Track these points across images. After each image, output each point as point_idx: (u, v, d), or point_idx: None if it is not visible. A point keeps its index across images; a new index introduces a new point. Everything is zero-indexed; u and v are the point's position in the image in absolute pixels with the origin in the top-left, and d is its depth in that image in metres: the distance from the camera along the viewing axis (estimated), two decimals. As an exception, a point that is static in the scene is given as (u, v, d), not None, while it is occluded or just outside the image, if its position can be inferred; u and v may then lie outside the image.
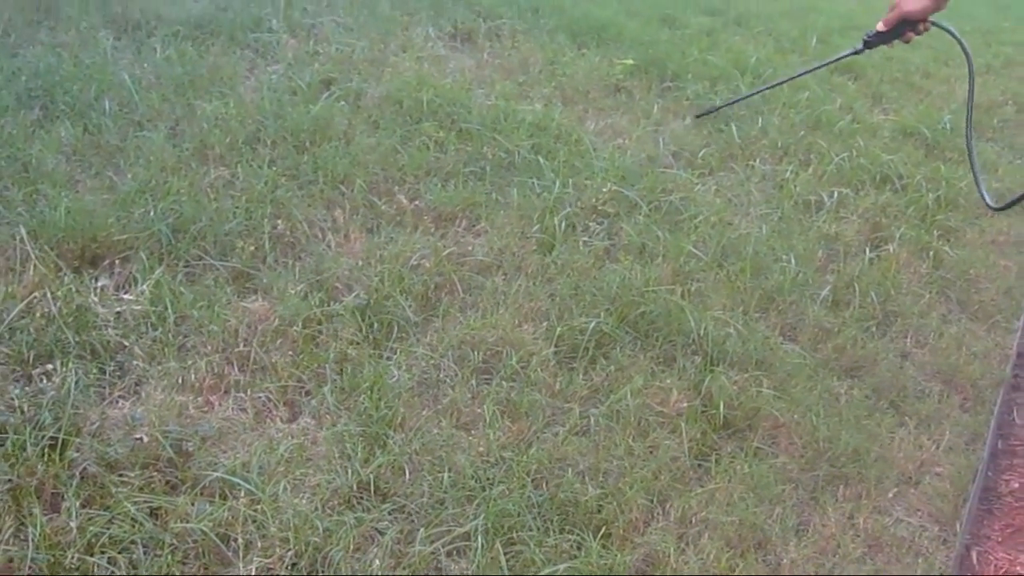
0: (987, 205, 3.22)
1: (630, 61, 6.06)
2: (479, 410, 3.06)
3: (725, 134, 5.43)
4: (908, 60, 8.02)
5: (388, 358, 3.21)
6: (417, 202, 4.07)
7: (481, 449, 2.90)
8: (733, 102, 4.41)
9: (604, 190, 4.33)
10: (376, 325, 3.31)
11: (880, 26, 3.21)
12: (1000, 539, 3.31)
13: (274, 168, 3.99)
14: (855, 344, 3.83)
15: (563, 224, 4.08)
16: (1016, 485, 3.56)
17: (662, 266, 3.94)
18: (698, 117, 4.63)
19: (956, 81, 7.67)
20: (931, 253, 4.68)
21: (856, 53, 3.44)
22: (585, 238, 4.06)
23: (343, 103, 4.67)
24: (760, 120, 5.69)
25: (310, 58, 5.12)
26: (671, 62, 6.20)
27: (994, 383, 3.90)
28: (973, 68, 3.43)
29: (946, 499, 3.22)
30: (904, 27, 3.17)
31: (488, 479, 2.80)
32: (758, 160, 5.24)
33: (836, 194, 4.99)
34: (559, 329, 3.44)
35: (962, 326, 4.23)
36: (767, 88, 4.29)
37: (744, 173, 5.06)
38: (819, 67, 3.99)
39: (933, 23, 3.19)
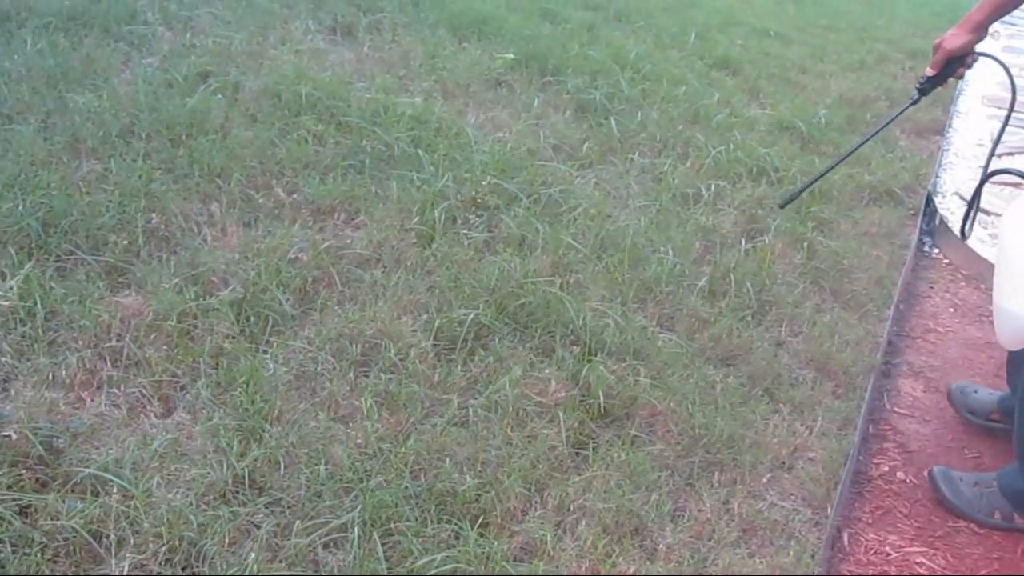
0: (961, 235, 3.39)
1: (511, 55, 6.08)
2: (357, 402, 3.05)
3: (605, 128, 5.48)
4: (785, 56, 8.17)
5: (265, 352, 3.18)
6: (295, 195, 4.05)
7: (359, 441, 2.89)
8: (812, 183, 4.47)
9: (484, 183, 4.35)
10: (253, 319, 3.29)
11: (929, 71, 3.40)
12: (871, 521, 3.39)
13: (149, 162, 3.93)
14: (731, 333, 3.89)
15: (443, 217, 4.08)
16: (886, 468, 3.65)
17: (541, 258, 3.96)
18: (782, 207, 4.61)
19: (831, 77, 7.84)
20: (805, 244, 4.77)
21: (915, 103, 3.61)
22: (465, 231, 4.07)
23: (220, 96, 4.61)
24: (639, 114, 5.76)
25: (186, 51, 5.05)
26: (552, 56, 6.23)
27: (865, 370, 3.98)
28: (1016, 93, 3.51)
29: (818, 483, 3.29)
30: (953, 65, 3.35)
31: (366, 471, 2.79)
32: (637, 153, 5.30)
33: (713, 187, 5.07)
34: (438, 321, 3.45)
35: (835, 315, 4.33)
36: (839, 162, 4.32)
37: (623, 166, 5.12)
38: (886, 125, 4.12)
39: (980, 53, 3.35)
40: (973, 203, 3.53)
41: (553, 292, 3.71)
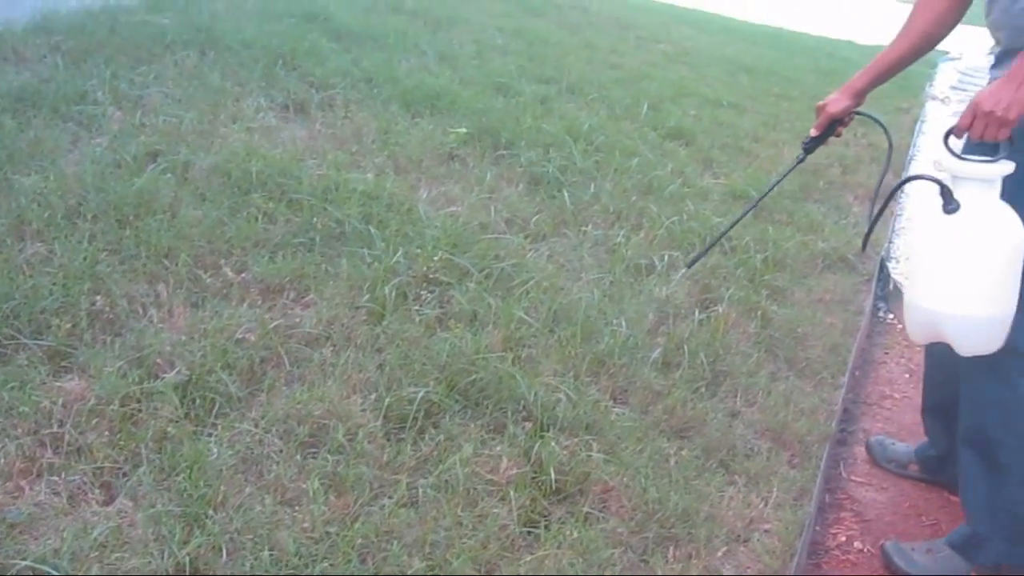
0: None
1: (463, 130, 6.10)
2: (304, 485, 3.00)
3: (558, 200, 5.49)
4: (738, 126, 8.25)
5: (210, 435, 3.13)
6: (244, 275, 4.01)
7: (305, 525, 2.84)
8: (713, 244, 4.66)
9: (436, 258, 4.33)
10: (198, 401, 3.24)
11: (813, 132, 3.86)
12: (828, 594, 3.37)
13: (95, 243, 3.89)
14: (685, 405, 3.87)
15: (393, 293, 4.06)
16: (843, 538, 3.64)
17: (493, 333, 3.94)
18: (689, 267, 4.75)
19: (784, 145, 7.91)
20: (759, 313, 4.77)
21: (801, 161, 4.04)
22: (416, 307, 4.05)
23: (169, 175, 4.59)
24: (593, 186, 5.77)
25: (136, 130, 5.03)
26: (505, 130, 6.24)
27: (821, 438, 3.97)
28: (892, 147, 4.01)
29: (775, 555, 3.26)
30: (834, 126, 3.79)
31: (312, 556, 2.74)
32: (591, 225, 5.31)
33: (667, 257, 5.08)
34: (387, 400, 3.41)
35: (790, 383, 4.32)
36: (740, 219, 4.51)
37: (576, 238, 5.12)
38: (776, 183, 4.52)
39: (857, 113, 3.76)
40: (878, 215, 3.68)
41: (504, 368, 3.68)
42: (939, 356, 3.53)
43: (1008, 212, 2.99)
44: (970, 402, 3.39)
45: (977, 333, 3.10)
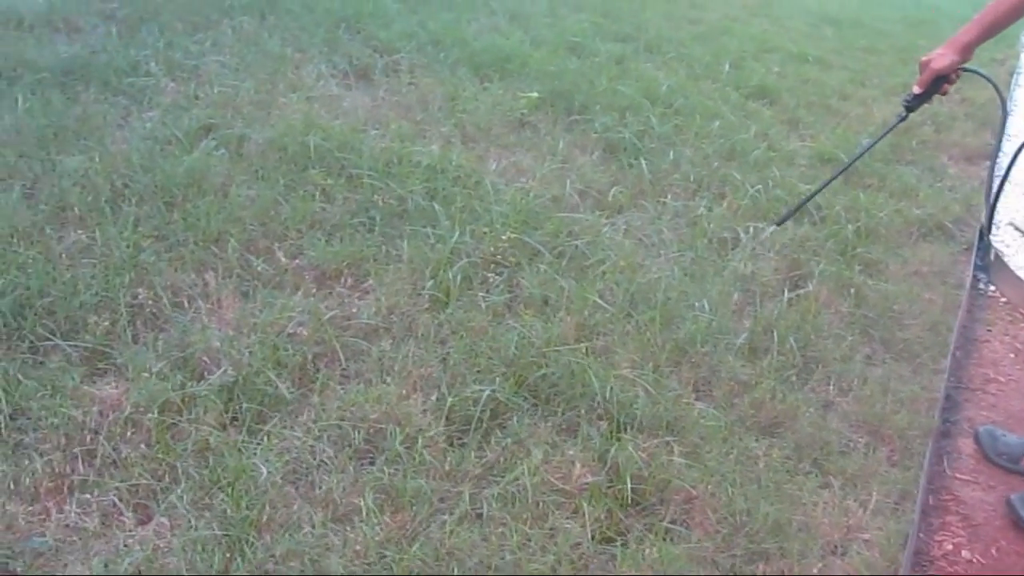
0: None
1: (535, 94, 5.80)
2: (357, 500, 2.74)
3: (635, 169, 5.17)
4: (824, 82, 7.85)
5: (257, 444, 2.88)
6: (298, 260, 3.76)
7: (358, 548, 2.59)
8: (804, 203, 4.39)
9: (504, 238, 4.05)
10: (245, 405, 2.99)
11: (916, 89, 3.46)
12: (936, 611, 3.06)
13: (139, 229, 3.66)
14: (773, 397, 3.56)
15: (459, 278, 3.79)
16: (950, 547, 3.31)
17: (565, 320, 3.65)
18: (778, 224, 4.49)
19: (873, 102, 7.50)
20: (852, 290, 4.43)
21: (902, 120, 3.65)
22: (483, 292, 3.77)
23: (223, 151, 4.35)
24: (672, 152, 5.45)
25: (190, 102, 4.79)
26: (578, 93, 5.93)
27: (923, 432, 3.64)
28: (1007, 109, 3.63)
29: (875, 569, 2.95)
30: (939, 83, 3.42)
31: (364, 584, 2.49)
32: (670, 196, 4.99)
33: (752, 229, 4.75)
34: (450, 400, 3.14)
35: (887, 369, 3.99)
36: (833, 179, 4.26)
37: (655, 211, 4.80)
38: (875, 143, 4.25)
39: (964, 69, 3.43)
40: (1000, 185, 3.51)
41: (577, 361, 3.39)
42: None
43: None
44: None
45: None
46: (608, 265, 4.08)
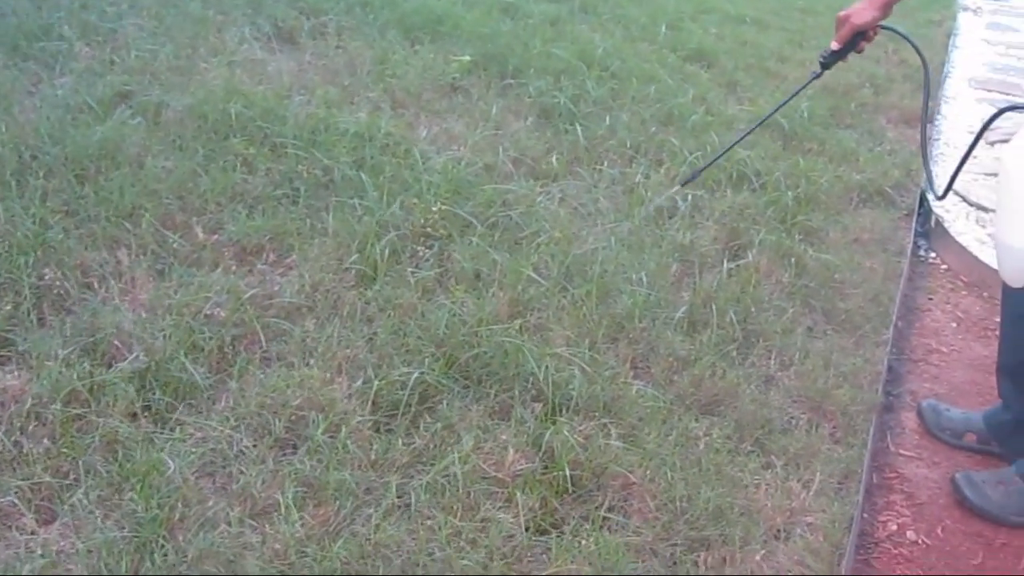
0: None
1: (467, 57, 5.61)
2: (277, 494, 2.59)
3: (570, 135, 5.02)
4: (762, 44, 7.70)
5: (169, 436, 2.71)
6: (217, 235, 3.58)
7: (277, 546, 2.44)
8: (713, 161, 4.32)
9: (435, 209, 3.88)
10: (158, 393, 2.82)
11: (834, 45, 3.43)
12: (880, 595, 2.97)
13: (47, 204, 3.46)
14: (714, 374, 3.44)
15: (387, 252, 3.63)
16: (894, 527, 3.22)
17: (498, 296, 3.51)
18: (684, 185, 4.37)
19: (811, 64, 7.29)
20: (793, 259, 4.31)
21: (817, 77, 3.68)
22: (412, 267, 3.61)
23: (139, 120, 4.14)
24: (608, 118, 5.29)
25: (105, 68, 4.56)
26: (512, 56, 5.75)
27: (866, 407, 3.55)
28: (927, 67, 3.68)
29: (819, 554, 2.85)
30: (857, 40, 3.38)
31: (282, 586, 2.34)
32: (606, 163, 4.84)
33: (690, 197, 4.61)
34: (376, 384, 2.99)
35: (829, 341, 3.89)
36: (744, 136, 4.20)
37: (591, 178, 4.65)
38: (787, 101, 4.28)
39: (882, 27, 3.38)
40: (963, 159, 3.34)
41: (511, 340, 3.25)
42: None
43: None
44: None
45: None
46: (543, 237, 3.94)
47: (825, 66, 3.58)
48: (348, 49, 5.48)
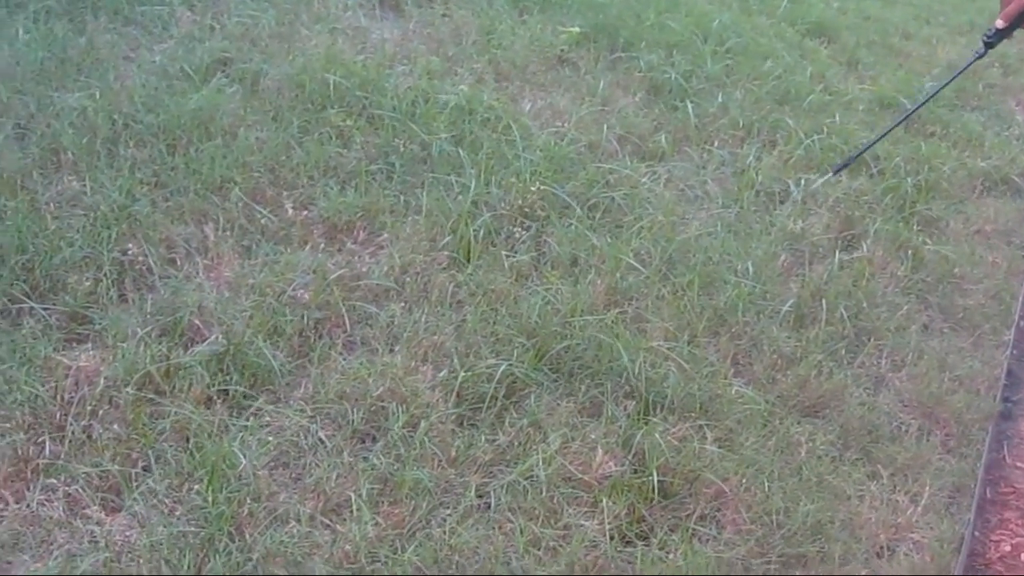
0: None
1: (576, 29, 5.42)
2: (352, 492, 2.48)
3: (680, 113, 4.82)
4: (886, 19, 7.39)
5: (245, 421, 2.62)
6: (307, 211, 3.48)
7: (347, 547, 2.33)
8: (867, 148, 4.19)
9: (533, 188, 3.73)
10: (234, 378, 2.73)
11: (999, 23, 3.16)
12: (992, 624, 2.78)
13: (136, 175, 3.38)
14: (819, 373, 3.26)
15: (481, 232, 3.50)
16: (1008, 548, 3.01)
17: (595, 283, 3.36)
18: (836, 173, 4.24)
19: (938, 42, 7.06)
20: (910, 251, 4.09)
21: (980, 57, 3.45)
22: (507, 250, 3.47)
23: (235, 88, 4.05)
24: (720, 95, 5.08)
25: (205, 34, 4.47)
26: (623, 28, 5.55)
27: (982, 415, 3.34)
28: None
29: (925, 576, 2.67)
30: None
31: (349, 593, 2.24)
32: (716, 142, 4.65)
33: (803, 182, 4.40)
34: (462, 374, 2.86)
35: (945, 341, 3.68)
36: (898, 124, 4.12)
37: (700, 159, 4.47)
38: (948, 82, 4.21)
39: None
40: None
41: (606, 331, 3.10)
42: None
43: None
44: None
45: None
46: (645, 221, 3.77)
47: (990, 45, 3.32)
48: (454, 17, 5.33)
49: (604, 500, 2.60)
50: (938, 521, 2.86)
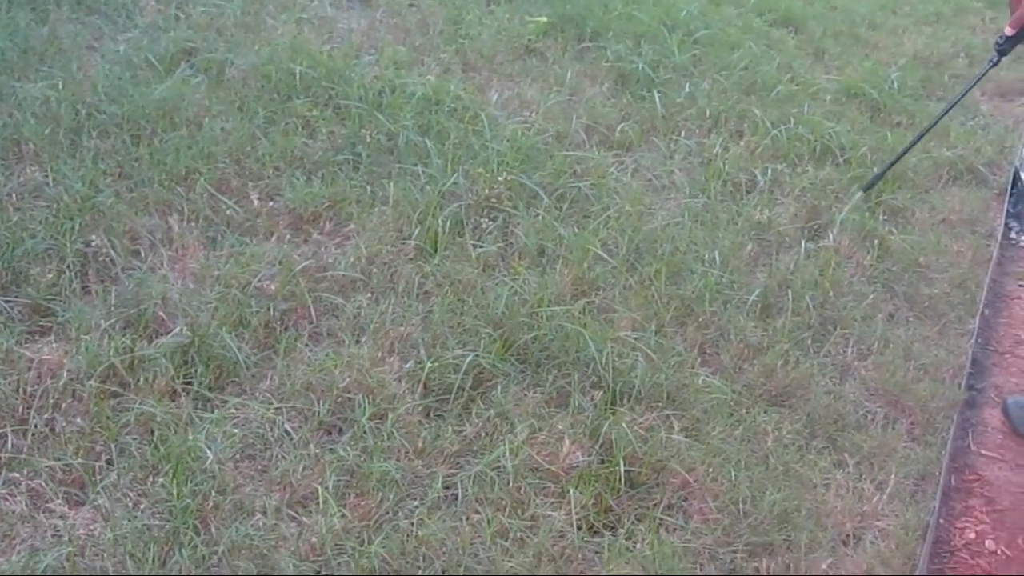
0: None
1: (544, 18, 5.43)
2: (317, 484, 2.47)
3: (647, 103, 4.83)
4: (853, 10, 7.41)
5: (210, 413, 2.60)
6: (273, 202, 3.47)
7: (313, 540, 2.32)
8: (895, 161, 4.35)
9: (500, 179, 3.73)
10: (199, 370, 2.71)
11: (1008, 30, 3.34)
12: (955, 609, 2.79)
13: (99, 165, 3.36)
14: (786, 363, 3.27)
15: (449, 223, 3.49)
16: (972, 535, 3.02)
17: (562, 273, 3.36)
18: (866, 191, 4.27)
19: (904, 32, 7.09)
20: (876, 241, 4.11)
21: (994, 65, 3.60)
22: (474, 240, 3.47)
23: (200, 78, 4.03)
24: (688, 85, 5.09)
25: (170, 23, 4.45)
26: (591, 18, 5.55)
27: (947, 403, 3.35)
28: None
29: (890, 563, 2.68)
30: None
31: (314, 585, 2.23)
32: (683, 132, 4.66)
33: (770, 171, 4.41)
34: (429, 365, 2.85)
35: (911, 330, 3.69)
36: (921, 136, 4.30)
37: (667, 149, 4.47)
38: (966, 91, 4.31)
39: None
40: None
41: (571, 326, 3.09)
42: None
43: None
44: None
45: None
46: (613, 211, 3.77)
47: (1002, 52, 3.49)
48: (421, 7, 5.32)
49: (571, 490, 2.60)
50: (903, 509, 2.86)
